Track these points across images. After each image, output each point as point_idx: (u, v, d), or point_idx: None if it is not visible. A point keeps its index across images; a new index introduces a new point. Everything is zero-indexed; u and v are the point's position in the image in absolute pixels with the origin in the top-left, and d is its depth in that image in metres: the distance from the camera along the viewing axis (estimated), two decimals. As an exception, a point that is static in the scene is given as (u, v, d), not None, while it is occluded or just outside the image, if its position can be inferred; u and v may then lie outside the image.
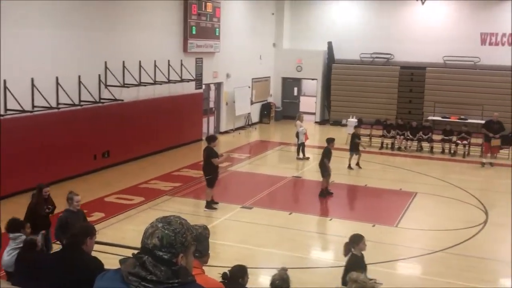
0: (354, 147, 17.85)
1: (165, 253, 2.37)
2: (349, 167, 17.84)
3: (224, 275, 5.78)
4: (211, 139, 13.28)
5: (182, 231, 2.42)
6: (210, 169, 13.01)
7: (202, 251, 3.76)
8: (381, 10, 27.09)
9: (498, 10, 25.23)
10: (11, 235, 7.61)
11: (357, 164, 17.93)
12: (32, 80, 13.73)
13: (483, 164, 19.07)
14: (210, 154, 12.90)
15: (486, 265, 10.51)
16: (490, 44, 25.47)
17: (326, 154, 14.61)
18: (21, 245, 7.27)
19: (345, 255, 7.37)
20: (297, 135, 19.28)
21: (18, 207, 10.09)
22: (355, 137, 17.99)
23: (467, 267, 10.16)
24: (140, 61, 17.69)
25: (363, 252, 7.42)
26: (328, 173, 14.61)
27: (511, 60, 24.42)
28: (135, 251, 2.45)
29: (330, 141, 14.89)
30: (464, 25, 25.67)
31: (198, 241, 3.22)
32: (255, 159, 19.60)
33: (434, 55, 25.90)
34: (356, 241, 7.33)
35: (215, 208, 13.07)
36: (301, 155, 19.16)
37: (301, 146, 19.21)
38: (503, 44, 25.31)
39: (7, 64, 12.97)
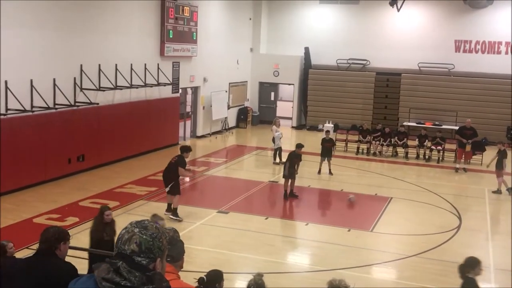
0: (326, 152, 17.97)
1: (143, 259, 2.36)
2: (319, 172, 17.89)
3: (200, 280, 5.75)
4: (186, 149, 13.05)
5: (158, 235, 2.41)
6: (172, 176, 12.70)
7: (175, 256, 3.73)
8: (357, 16, 27.37)
9: (471, 18, 25.67)
10: None
11: (329, 170, 17.95)
12: (6, 82, 13.53)
13: (456, 169, 19.33)
14: (180, 162, 12.73)
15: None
16: (464, 51, 25.90)
17: (291, 158, 14.92)
18: None
19: (461, 278, 6.86)
20: (274, 140, 19.33)
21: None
22: (325, 142, 18.12)
23: (441, 271, 10.26)
24: (116, 65, 17.56)
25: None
26: (285, 175, 14.83)
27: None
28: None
29: (299, 146, 15.12)
30: (438, 32, 26.08)
31: (171, 245, 3.20)
32: (231, 164, 19.58)
33: (409, 62, 26.23)
34: (472, 265, 6.81)
35: (181, 220, 12.57)
36: (277, 160, 19.20)
37: (277, 151, 19.26)
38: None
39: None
